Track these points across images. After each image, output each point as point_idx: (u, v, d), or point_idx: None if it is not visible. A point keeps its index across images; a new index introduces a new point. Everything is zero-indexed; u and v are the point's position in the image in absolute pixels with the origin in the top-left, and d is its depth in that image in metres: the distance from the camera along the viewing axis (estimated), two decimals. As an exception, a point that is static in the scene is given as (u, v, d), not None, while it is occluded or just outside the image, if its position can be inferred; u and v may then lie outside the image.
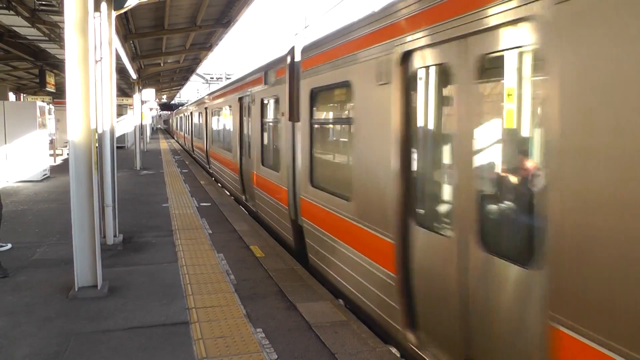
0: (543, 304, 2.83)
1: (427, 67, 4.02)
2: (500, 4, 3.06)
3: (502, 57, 3.23)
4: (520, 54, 3.12)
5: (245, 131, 11.37)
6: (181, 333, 4.76)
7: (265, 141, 9.75)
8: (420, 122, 4.19)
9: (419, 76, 4.11)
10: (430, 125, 4.10)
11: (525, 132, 3.22)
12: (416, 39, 3.97)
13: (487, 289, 3.36)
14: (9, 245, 7.66)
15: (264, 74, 9.24)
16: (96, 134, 6.11)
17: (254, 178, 10.15)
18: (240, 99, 11.87)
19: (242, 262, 7.16)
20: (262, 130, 9.75)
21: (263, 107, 9.64)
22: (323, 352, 4.44)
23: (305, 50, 6.86)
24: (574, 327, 2.61)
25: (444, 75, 3.81)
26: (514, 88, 3.14)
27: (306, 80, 6.70)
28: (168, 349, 4.44)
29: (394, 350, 4.61)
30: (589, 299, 2.52)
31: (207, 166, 19.35)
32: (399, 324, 4.39)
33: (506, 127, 3.30)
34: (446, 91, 3.89)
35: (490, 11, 3.14)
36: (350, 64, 5.18)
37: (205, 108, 19.17)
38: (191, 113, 28.15)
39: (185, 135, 32.92)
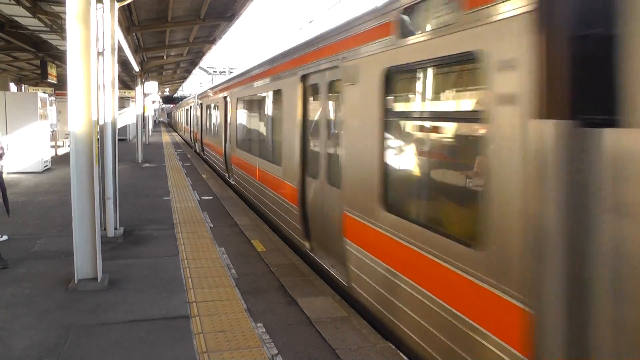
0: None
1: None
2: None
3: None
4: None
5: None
6: (181, 327, 4.74)
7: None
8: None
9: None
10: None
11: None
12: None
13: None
14: (6, 237, 7.64)
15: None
16: (97, 126, 6.08)
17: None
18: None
19: (243, 256, 7.14)
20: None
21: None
22: (323, 347, 4.42)
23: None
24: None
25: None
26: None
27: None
28: (168, 342, 4.42)
29: (393, 347, 4.59)
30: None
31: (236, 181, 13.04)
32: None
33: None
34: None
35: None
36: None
37: (226, 98, 14.35)
38: (199, 106, 23.26)
39: (194, 130, 26.88)
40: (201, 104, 22.07)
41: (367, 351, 4.34)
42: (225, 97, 14.49)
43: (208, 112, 19.15)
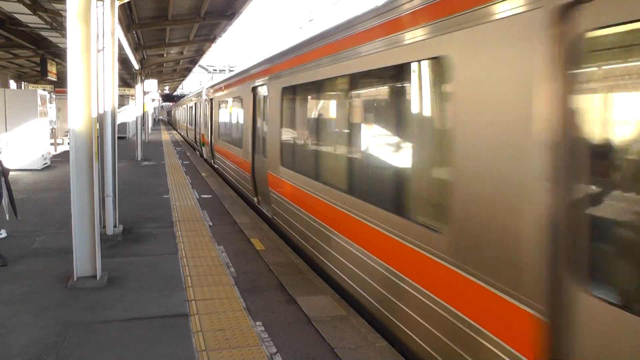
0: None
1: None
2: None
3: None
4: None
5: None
6: (180, 325, 4.74)
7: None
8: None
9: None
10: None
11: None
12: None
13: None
14: (5, 234, 7.63)
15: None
16: (97, 124, 6.08)
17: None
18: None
19: (242, 254, 7.14)
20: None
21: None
22: (322, 346, 4.43)
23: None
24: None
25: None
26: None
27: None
28: (167, 340, 4.43)
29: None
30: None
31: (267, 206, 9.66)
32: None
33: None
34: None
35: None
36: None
37: (254, 89, 10.11)
38: (209, 102, 18.31)
39: (200, 131, 22.13)
40: (212, 100, 17.16)
41: (366, 350, 4.34)
42: (254, 89, 9.93)
43: (225, 111, 14.25)
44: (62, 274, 6.00)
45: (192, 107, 27.80)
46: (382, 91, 4.92)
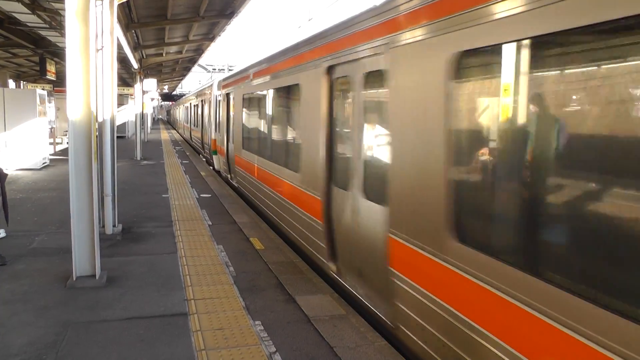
0: None
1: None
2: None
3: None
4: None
5: None
6: (180, 324, 4.74)
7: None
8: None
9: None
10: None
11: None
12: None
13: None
14: (3, 233, 7.63)
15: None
16: (96, 123, 6.07)
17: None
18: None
19: (241, 254, 7.14)
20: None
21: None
22: (321, 345, 4.43)
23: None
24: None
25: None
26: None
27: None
28: (166, 340, 4.43)
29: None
30: None
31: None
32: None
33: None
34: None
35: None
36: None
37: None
38: (224, 98, 13.99)
39: (210, 137, 17.68)
40: (229, 96, 12.84)
41: (365, 349, 4.35)
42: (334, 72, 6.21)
43: (256, 109, 10.15)
44: (61, 273, 5.99)
45: (197, 105, 22.95)
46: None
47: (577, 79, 2.73)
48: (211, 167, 17.89)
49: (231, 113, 12.90)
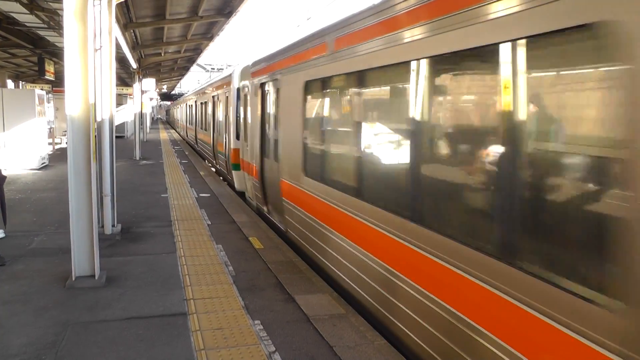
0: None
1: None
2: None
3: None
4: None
5: None
6: (179, 324, 4.74)
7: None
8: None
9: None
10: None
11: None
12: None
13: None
14: (2, 234, 7.62)
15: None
16: (95, 123, 6.06)
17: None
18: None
19: (241, 253, 7.14)
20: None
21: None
22: (321, 344, 4.43)
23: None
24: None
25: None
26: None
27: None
28: (166, 340, 4.42)
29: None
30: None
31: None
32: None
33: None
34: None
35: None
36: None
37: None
38: (249, 90, 10.60)
39: (224, 142, 14.12)
40: (265, 88, 9.13)
41: (364, 348, 4.35)
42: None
43: (331, 109, 6.29)
44: (60, 273, 5.99)
45: (205, 103, 18.85)
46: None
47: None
48: (224, 181, 14.51)
49: (271, 113, 8.58)
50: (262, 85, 9.22)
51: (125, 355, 4.15)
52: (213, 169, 17.18)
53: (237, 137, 12.16)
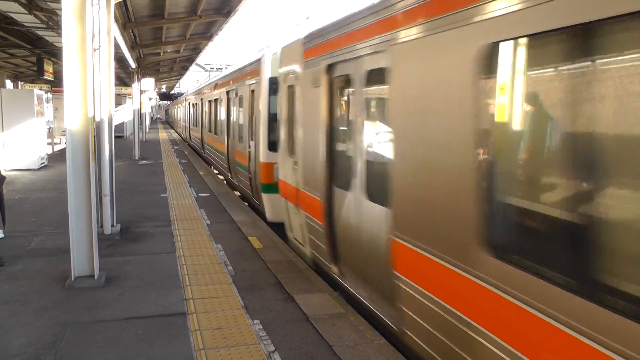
0: None
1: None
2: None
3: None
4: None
5: None
6: (178, 324, 4.74)
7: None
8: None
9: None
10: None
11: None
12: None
13: None
14: (1, 234, 7.61)
15: None
16: (94, 123, 6.06)
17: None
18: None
19: (240, 253, 7.14)
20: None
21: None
22: (320, 344, 4.43)
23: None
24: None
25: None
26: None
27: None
28: (165, 339, 4.42)
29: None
30: None
31: None
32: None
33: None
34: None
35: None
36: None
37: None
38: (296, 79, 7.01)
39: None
40: (330, 75, 5.74)
41: (364, 347, 4.35)
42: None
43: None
44: (59, 273, 5.98)
45: (216, 101, 15.64)
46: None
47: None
48: (245, 202, 11.46)
49: (358, 113, 5.14)
50: (332, 68, 5.71)
51: (125, 355, 4.15)
52: (221, 179, 15.02)
53: (271, 148, 8.98)
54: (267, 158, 9.11)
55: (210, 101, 17.25)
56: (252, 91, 10.26)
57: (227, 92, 13.50)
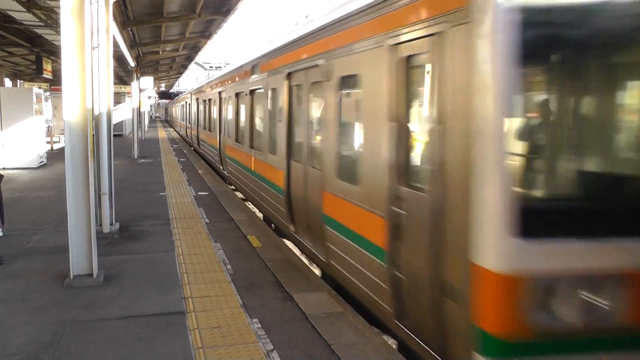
0: None
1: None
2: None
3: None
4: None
5: None
6: (177, 323, 4.74)
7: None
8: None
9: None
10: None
11: None
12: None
13: None
14: (0, 233, 7.60)
15: None
16: (93, 122, 6.06)
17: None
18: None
19: (239, 251, 7.14)
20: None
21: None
22: (319, 342, 4.43)
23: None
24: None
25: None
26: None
27: None
28: (164, 338, 4.43)
29: (390, 340, 4.60)
30: None
31: None
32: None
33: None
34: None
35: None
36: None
37: None
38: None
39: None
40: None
41: (362, 346, 4.35)
42: None
43: None
44: (58, 272, 5.98)
45: (235, 96, 11.97)
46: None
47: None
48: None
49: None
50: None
51: (124, 353, 4.15)
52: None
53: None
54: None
55: (227, 98, 13.55)
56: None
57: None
